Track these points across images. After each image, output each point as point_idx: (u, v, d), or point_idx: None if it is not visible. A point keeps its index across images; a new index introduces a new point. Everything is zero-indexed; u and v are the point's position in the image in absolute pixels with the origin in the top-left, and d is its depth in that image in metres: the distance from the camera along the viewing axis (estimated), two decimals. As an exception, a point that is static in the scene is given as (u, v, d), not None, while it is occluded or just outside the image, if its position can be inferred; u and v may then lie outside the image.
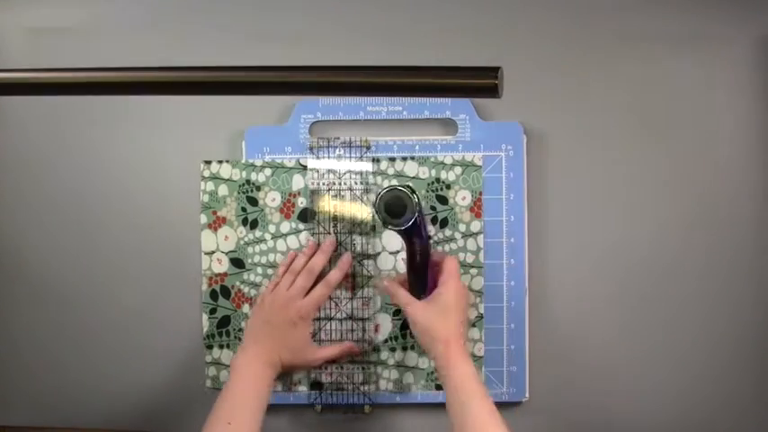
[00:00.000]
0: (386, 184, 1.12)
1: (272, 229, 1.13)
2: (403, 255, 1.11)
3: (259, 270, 1.13)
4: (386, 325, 1.13)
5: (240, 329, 1.13)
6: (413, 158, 1.12)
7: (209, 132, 1.15)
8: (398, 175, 1.12)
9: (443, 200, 1.12)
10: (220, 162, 1.14)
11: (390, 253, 1.12)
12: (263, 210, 1.13)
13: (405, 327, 1.12)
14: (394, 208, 1.01)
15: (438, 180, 1.12)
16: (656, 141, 1.12)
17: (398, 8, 1.14)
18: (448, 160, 1.12)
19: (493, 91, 0.65)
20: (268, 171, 1.13)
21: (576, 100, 1.12)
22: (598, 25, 1.12)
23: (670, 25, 1.12)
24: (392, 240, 1.12)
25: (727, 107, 1.12)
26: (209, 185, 1.14)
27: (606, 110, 1.12)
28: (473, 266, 1.12)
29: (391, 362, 1.13)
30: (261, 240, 1.13)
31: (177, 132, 1.16)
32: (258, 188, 1.13)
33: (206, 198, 1.14)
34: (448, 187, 1.12)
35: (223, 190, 1.13)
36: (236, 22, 1.15)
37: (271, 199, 1.13)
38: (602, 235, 1.12)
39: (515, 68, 1.04)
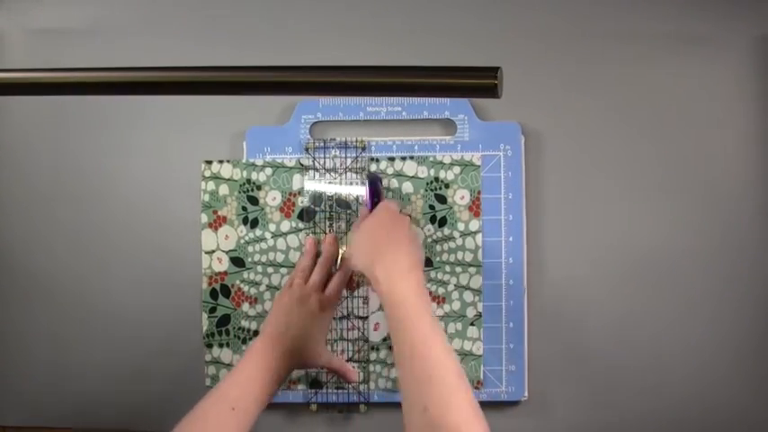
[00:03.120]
0: (385, 183, 1.12)
1: (272, 228, 1.13)
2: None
3: (259, 269, 1.14)
4: (385, 323, 1.13)
5: (240, 328, 1.14)
6: (411, 158, 1.12)
7: (209, 132, 1.15)
8: (398, 174, 1.12)
9: (442, 199, 1.12)
10: (221, 162, 1.14)
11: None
12: (263, 209, 1.13)
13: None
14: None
15: (437, 179, 1.12)
16: (655, 141, 1.12)
17: (398, 8, 1.14)
18: (447, 160, 1.12)
19: (492, 91, 0.65)
20: (269, 170, 1.13)
21: (575, 100, 1.13)
22: (597, 25, 1.13)
23: (669, 25, 1.12)
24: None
25: (726, 107, 1.12)
26: (210, 185, 1.14)
27: (605, 110, 1.13)
28: (472, 265, 1.12)
29: (390, 360, 1.13)
30: (261, 239, 1.13)
31: (178, 132, 1.16)
32: (259, 187, 1.13)
33: (206, 198, 1.14)
34: (446, 186, 1.12)
35: (224, 189, 1.14)
36: (237, 22, 1.15)
37: (271, 198, 1.13)
38: (601, 234, 1.13)
39: (515, 68, 1.05)
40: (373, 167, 1.13)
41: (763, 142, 1.12)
